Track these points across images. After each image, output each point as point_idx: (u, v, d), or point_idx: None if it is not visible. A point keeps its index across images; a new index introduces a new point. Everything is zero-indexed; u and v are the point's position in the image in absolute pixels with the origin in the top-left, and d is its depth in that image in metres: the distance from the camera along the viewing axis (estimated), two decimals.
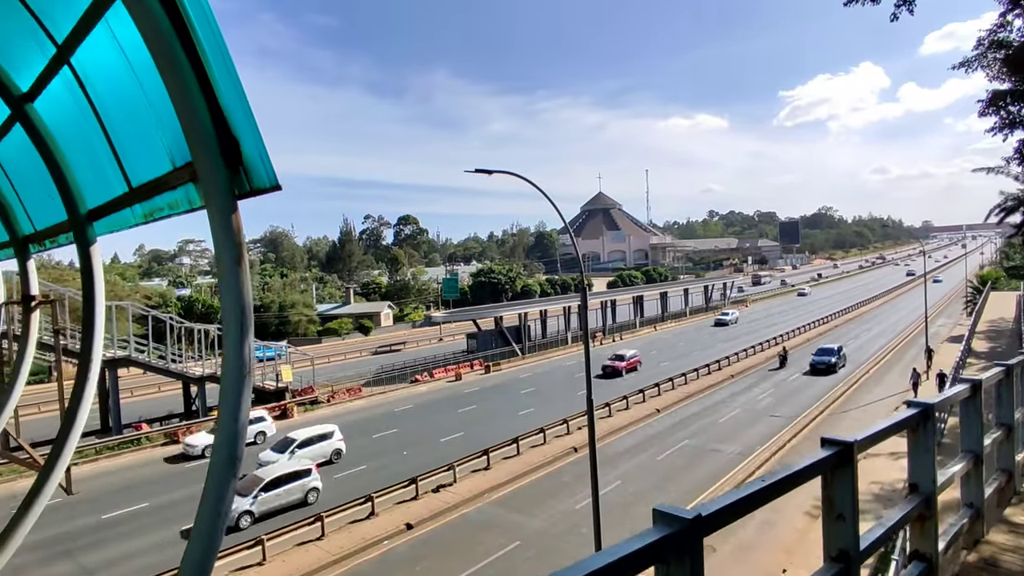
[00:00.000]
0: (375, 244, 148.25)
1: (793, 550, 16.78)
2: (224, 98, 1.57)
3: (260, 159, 1.62)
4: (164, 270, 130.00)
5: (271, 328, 70.85)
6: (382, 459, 26.59)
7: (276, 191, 1.65)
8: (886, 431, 2.48)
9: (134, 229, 2.62)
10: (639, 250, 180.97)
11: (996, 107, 16.08)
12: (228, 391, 1.62)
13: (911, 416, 2.73)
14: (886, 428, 2.48)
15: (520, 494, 22.42)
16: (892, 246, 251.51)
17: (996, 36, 14.23)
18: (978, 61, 15.06)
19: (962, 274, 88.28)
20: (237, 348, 1.62)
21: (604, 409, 31.36)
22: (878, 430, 2.42)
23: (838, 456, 2.14)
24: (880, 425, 2.46)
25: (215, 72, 1.54)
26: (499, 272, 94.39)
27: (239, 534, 18.81)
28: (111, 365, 30.65)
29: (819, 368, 39.94)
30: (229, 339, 1.62)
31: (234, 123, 1.58)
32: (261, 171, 1.62)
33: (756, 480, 1.81)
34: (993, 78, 15.26)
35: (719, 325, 67.09)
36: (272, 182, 1.63)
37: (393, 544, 18.72)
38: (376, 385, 42.38)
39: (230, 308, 1.61)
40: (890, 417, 2.63)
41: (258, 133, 1.61)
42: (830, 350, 41.64)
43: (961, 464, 3.35)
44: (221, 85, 1.55)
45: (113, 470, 26.31)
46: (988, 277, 71.11)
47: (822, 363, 40.09)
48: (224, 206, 1.61)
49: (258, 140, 1.62)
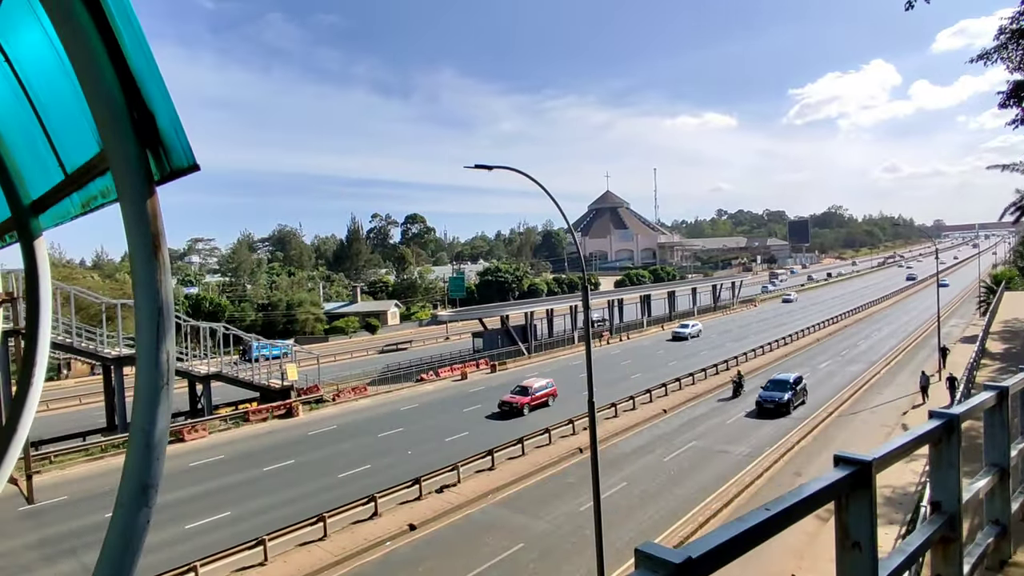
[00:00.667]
0: (382, 243, 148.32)
1: (803, 553, 16.44)
2: (133, 61, 1.35)
3: (176, 135, 1.41)
4: (173, 268, 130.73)
5: (278, 327, 71.08)
6: (386, 459, 26.45)
7: (194, 171, 1.43)
8: (906, 447, 2.22)
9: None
10: (647, 249, 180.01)
11: (1018, 98, 15.56)
12: (141, 407, 1.38)
13: (934, 429, 2.48)
14: (906, 443, 2.23)
15: (525, 495, 22.20)
16: (903, 245, 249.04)
17: (1018, 25, 13.77)
18: (998, 53, 14.59)
19: (972, 276, 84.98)
20: (152, 355, 1.37)
21: (610, 409, 31.09)
22: (897, 446, 2.17)
23: (853, 477, 1.90)
24: (899, 440, 2.21)
25: (121, 30, 1.32)
26: (506, 271, 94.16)
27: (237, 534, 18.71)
28: (117, 363, 30.74)
29: (766, 407, 30.85)
30: (142, 344, 1.38)
31: (147, 92, 1.35)
32: (178, 148, 1.40)
33: (759, 509, 1.57)
34: (1014, 69, 14.79)
35: (677, 340, 57.99)
36: (190, 161, 1.41)
37: (396, 545, 18.55)
38: (382, 384, 42.30)
39: (144, 308, 1.37)
40: (910, 431, 2.37)
41: (172, 105, 1.39)
42: (783, 383, 32.09)
43: (987, 479, 3.08)
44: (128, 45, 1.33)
45: (118, 468, 26.29)
46: (1002, 277, 69.99)
47: (770, 401, 30.87)
48: (136, 187, 1.39)
49: (173, 113, 1.41)
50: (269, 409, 34.21)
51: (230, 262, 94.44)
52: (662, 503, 20.80)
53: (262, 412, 33.89)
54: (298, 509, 20.77)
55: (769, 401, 30.89)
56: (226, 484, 24.20)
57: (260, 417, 33.63)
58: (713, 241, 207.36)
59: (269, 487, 23.72)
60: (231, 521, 20.57)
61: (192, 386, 34.62)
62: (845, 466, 1.91)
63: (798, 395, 32.02)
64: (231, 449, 28.94)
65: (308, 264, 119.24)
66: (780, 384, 32.11)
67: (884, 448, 2.11)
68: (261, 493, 23.13)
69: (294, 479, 24.53)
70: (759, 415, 30.67)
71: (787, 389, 31.41)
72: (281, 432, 31.72)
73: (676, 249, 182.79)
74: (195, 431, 30.52)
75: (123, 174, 1.34)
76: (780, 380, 32.61)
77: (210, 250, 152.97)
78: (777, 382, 32.42)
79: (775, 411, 30.45)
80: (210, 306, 67.69)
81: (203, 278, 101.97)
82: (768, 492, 21.11)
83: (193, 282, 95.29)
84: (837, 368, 42.26)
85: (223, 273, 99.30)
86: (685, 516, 19.63)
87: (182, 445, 29.55)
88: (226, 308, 69.80)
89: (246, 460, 27.15)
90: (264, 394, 35.79)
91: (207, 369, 34.00)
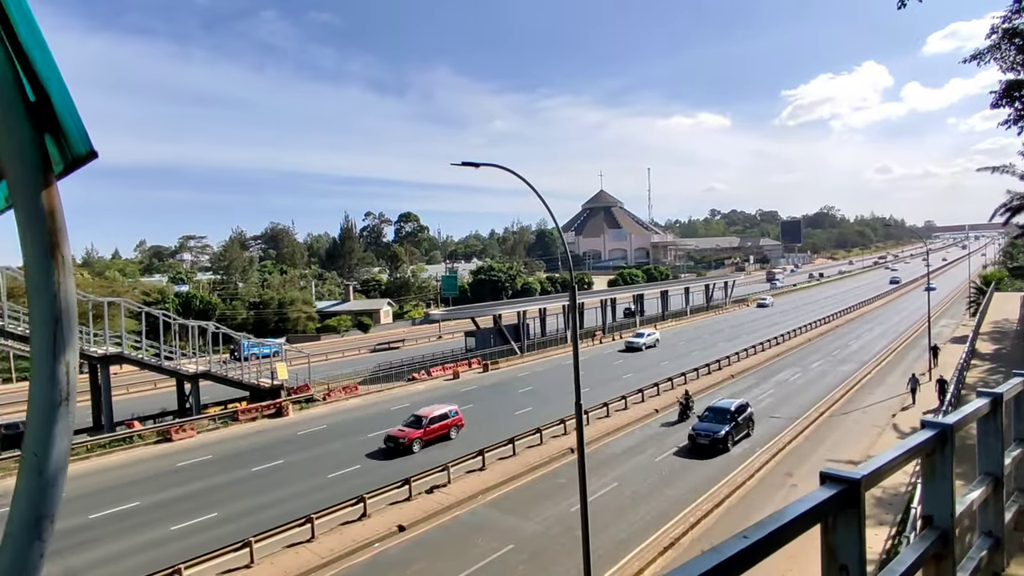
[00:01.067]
0: (376, 241, 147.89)
1: (794, 555, 16.37)
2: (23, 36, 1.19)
3: (72, 119, 1.24)
4: (165, 266, 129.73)
5: (270, 325, 70.60)
6: (375, 459, 26.24)
7: (93, 159, 1.27)
8: (897, 461, 2.09)
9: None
10: (640, 248, 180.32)
11: (1010, 98, 15.45)
12: (34, 426, 1.21)
13: (926, 440, 2.34)
14: (897, 457, 2.09)
15: (515, 495, 22.06)
16: (895, 246, 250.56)
17: (1011, 24, 13.69)
18: (991, 53, 14.51)
19: (960, 278, 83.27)
20: (47, 367, 1.20)
21: (602, 409, 31.01)
22: (888, 461, 2.03)
23: (841, 496, 1.76)
24: (889, 454, 2.07)
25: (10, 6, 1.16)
26: (499, 270, 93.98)
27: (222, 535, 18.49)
28: (103, 362, 30.36)
29: (701, 442, 25.37)
30: (36, 355, 1.21)
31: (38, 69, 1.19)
32: (75, 134, 1.23)
33: (736, 538, 1.42)
34: (1007, 69, 14.71)
35: (630, 351, 52.49)
36: (88, 147, 1.25)
37: (385, 546, 18.37)
38: (373, 383, 42.05)
39: (39, 314, 1.19)
40: (901, 443, 2.24)
41: (65, 86, 1.22)
42: (723, 412, 26.43)
43: (980, 489, 2.96)
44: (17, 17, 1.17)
45: (104, 468, 26.00)
46: (992, 278, 70.53)
47: (705, 434, 25.39)
48: (29, 177, 1.21)
49: (67, 95, 1.24)
50: (258, 408, 33.90)
51: (222, 260, 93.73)
52: None
53: (251, 411, 33.58)
54: (286, 510, 20.56)
55: (704, 435, 25.38)
56: (213, 485, 23.93)
57: (249, 417, 33.32)
58: (706, 241, 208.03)
59: (257, 488, 23.47)
60: (218, 522, 20.32)
61: (180, 385, 34.27)
62: (832, 484, 1.77)
63: (740, 427, 26.47)
64: (219, 449, 28.64)
65: (300, 262, 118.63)
66: (719, 414, 26.41)
67: (873, 463, 1.97)
68: (249, 494, 22.87)
69: (283, 479, 24.29)
70: (691, 452, 25.30)
71: (726, 421, 25.85)
72: (270, 432, 31.43)
73: (670, 249, 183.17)
74: (183, 431, 30.19)
75: (14, 162, 1.17)
76: (719, 408, 26.91)
77: (202, 248, 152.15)
78: (716, 411, 26.72)
79: (710, 447, 25.09)
80: (200, 304, 67.12)
81: (194, 276, 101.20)
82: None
83: (184, 280, 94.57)
84: (829, 368, 42.36)
85: (215, 271, 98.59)
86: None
87: (170, 445, 29.23)
88: (217, 306, 69.26)
89: (234, 460, 26.87)
90: (254, 393, 35.48)
91: (196, 368, 33.66)
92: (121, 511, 21.48)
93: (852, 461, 23.51)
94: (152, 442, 29.63)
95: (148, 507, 21.82)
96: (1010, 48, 14.02)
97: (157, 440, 29.79)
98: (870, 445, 24.94)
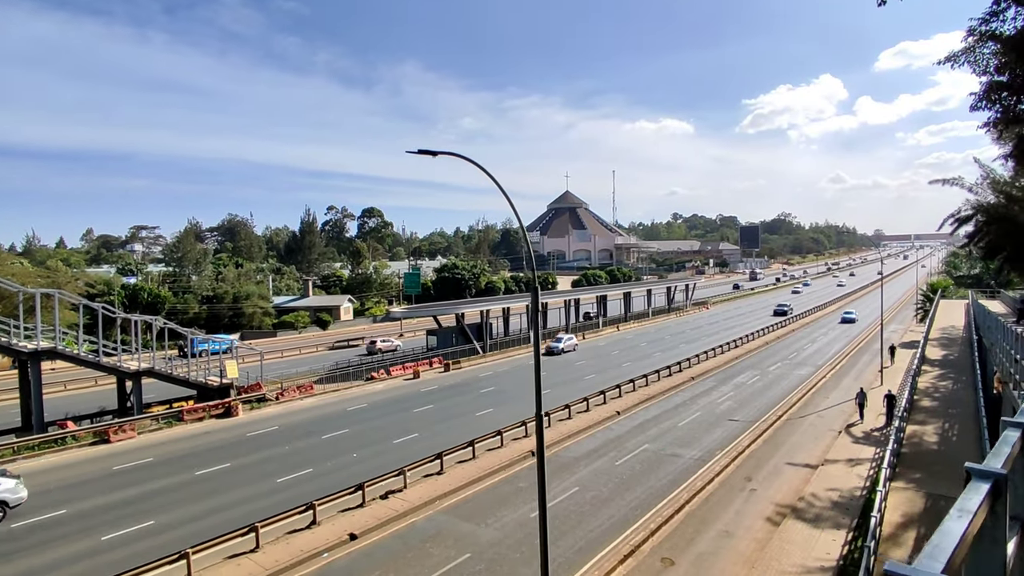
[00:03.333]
0: (338, 236, 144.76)
1: (754, 562, 16.21)
2: None
3: None
4: (114, 257, 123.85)
5: (224, 320, 67.97)
6: (329, 462, 25.15)
7: None
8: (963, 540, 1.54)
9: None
10: (604, 250, 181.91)
11: (990, 100, 15.39)
12: None
13: (983, 498, 1.81)
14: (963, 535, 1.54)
15: (473, 501, 21.37)
16: (846, 252, 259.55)
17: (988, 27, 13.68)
18: (965, 55, 14.51)
19: (895, 294, 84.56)
20: None
21: (564, 411, 30.62)
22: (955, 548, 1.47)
23: None
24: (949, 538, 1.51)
25: None
26: (463, 268, 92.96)
27: None
28: (33, 358, 28.27)
29: None
30: None
31: None
32: None
33: None
34: (983, 72, 14.73)
35: (550, 354, 50.50)
36: None
37: (334, 556, 17.44)
38: (330, 382, 40.67)
39: None
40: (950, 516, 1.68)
41: None
42: None
43: (1015, 539, 2.46)
44: None
45: (32, 472, 24.11)
46: (938, 286, 73.48)
47: None
48: None
49: None
50: (206, 408, 32.25)
51: (174, 251, 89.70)
52: None
53: (198, 411, 31.91)
54: (231, 517, 19.42)
55: None
56: (153, 489, 22.46)
57: (195, 416, 31.65)
58: (668, 244, 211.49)
59: (200, 493, 22.13)
60: (156, 531, 18.99)
61: (121, 383, 32.29)
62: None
63: None
64: (161, 451, 27.03)
65: (258, 255, 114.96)
66: None
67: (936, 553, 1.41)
68: (191, 499, 21.52)
69: (229, 484, 22.99)
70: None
71: None
72: (218, 433, 29.89)
73: (632, 251, 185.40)
74: (122, 431, 28.41)
75: None
76: None
77: (154, 239, 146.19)
78: None
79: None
80: (149, 297, 64.04)
81: (145, 268, 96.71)
82: None
83: (134, 271, 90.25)
84: (787, 371, 43.03)
85: (167, 263, 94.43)
86: None
87: (107, 447, 27.46)
88: (167, 300, 66.21)
89: (177, 463, 25.36)
90: (201, 392, 33.77)
91: (138, 365, 31.78)
92: (47, 519, 19.88)
93: (810, 465, 23.68)
94: (88, 443, 27.76)
95: (78, 514, 20.27)
96: (984, 49, 14.00)
97: (94, 441, 27.93)
98: (826, 449, 25.18)
